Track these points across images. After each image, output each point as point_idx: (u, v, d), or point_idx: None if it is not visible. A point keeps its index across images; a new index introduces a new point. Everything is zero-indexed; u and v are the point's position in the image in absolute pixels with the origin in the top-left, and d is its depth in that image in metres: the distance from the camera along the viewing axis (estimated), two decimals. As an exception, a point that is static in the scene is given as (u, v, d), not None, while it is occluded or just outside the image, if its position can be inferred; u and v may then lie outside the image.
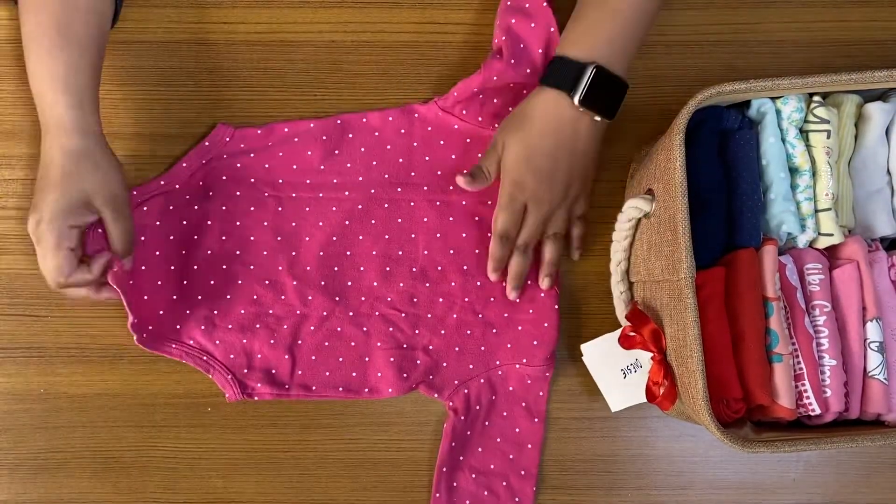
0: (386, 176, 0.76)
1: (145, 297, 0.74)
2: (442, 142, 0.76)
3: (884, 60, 0.77)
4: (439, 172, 0.76)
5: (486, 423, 0.76)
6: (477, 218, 0.76)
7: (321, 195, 0.76)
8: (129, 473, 0.77)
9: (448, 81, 0.76)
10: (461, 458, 0.76)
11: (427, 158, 0.76)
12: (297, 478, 0.77)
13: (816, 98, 0.65)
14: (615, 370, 0.72)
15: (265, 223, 0.75)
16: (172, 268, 0.75)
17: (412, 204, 0.76)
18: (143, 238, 0.74)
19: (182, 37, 0.76)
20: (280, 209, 0.76)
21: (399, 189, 0.76)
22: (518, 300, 0.75)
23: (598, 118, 0.68)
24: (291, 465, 0.77)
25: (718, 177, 0.65)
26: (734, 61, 0.77)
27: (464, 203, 0.76)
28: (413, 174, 0.76)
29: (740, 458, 0.78)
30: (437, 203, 0.76)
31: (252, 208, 0.75)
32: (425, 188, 0.76)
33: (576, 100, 0.67)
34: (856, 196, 0.67)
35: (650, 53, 0.77)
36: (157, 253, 0.74)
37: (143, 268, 0.74)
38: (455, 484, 0.76)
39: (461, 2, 0.77)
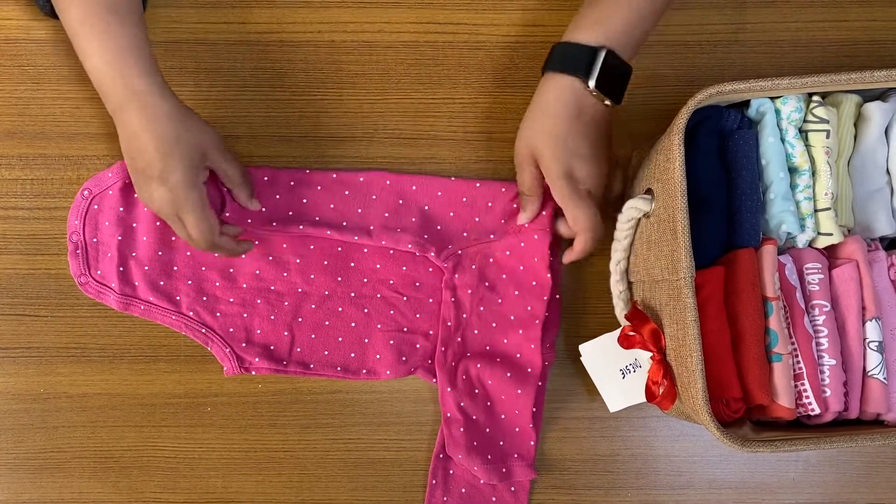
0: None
1: (146, 268, 0.74)
2: None
3: (883, 60, 0.77)
4: None
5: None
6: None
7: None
8: (129, 473, 0.77)
9: (448, 81, 0.77)
10: None
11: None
12: (297, 478, 0.77)
13: (816, 98, 0.65)
14: (614, 370, 0.72)
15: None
16: (174, 238, 0.75)
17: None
18: (146, 209, 0.74)
19: (182, 37, 0.76)
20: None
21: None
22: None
23: (608, 102, 0.68)
24: (291, 465, 0.77)
25: (718, 177, 0.65)
26: (734, 61, 0.77)
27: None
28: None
29: (740, 457, 0.78)
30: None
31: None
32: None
33: (591, 84, 0.66)
34: (855, 196, 0.67)
35: (650, 53, 0.77)
36: (159, 223, 0.74)
37: (145, 238, 0.74)
38: (451, 472, 0.76)
39: (461, 2, 0.77)
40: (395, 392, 0.77)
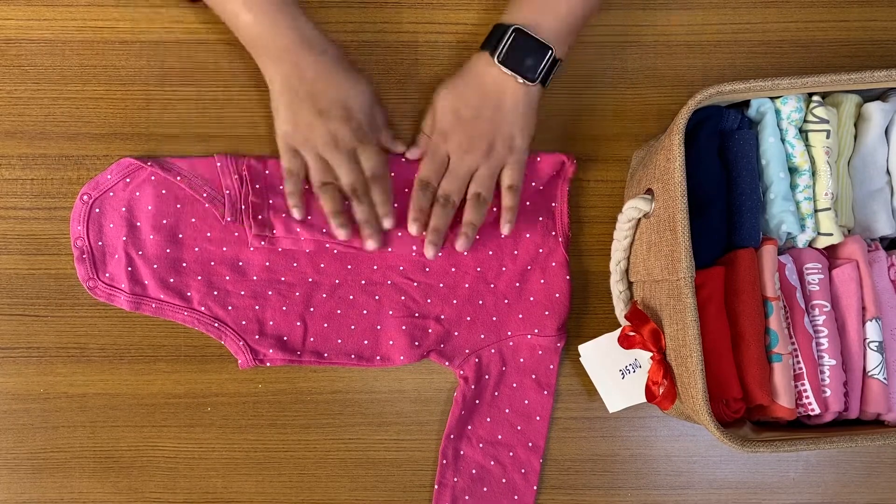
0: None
1: (155, 266, 0.74)
2: None
3: (884, 60, 0.77)
4: None
5: (496, 393, 0.76)
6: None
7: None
8: (129, 473, 0.77)
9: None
10: (469, 426, 0.76)
11: None
12: (297, 478, 0.77)
13: (816, 98, 0.65)
14: (613, 371, 0.72)
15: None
16: (181, 236, 0.75)
17: None
18: (150, 207, 0.74)
19: (182, 37, 0.76)
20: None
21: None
22: (434, 258, 0.73)
23: (521, 81, 0.70)
24: (291, 465, 0.77)
25: (718, 177, 0.65)
26: (734, 61, 0.77)
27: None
28: None
29: (740, 457, 0.78)
30: None
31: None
32: None
33: (496, 59, 0.70)
34: (855, 196, 0.67)
35: (650, 53, 0.77)
36: (165, 222, 0.75)
37: (152, 237, 0.74)
38: (462, 452, 0.76)
39: (461, 2, 0.77)
40: (395, 392, 0.77)
